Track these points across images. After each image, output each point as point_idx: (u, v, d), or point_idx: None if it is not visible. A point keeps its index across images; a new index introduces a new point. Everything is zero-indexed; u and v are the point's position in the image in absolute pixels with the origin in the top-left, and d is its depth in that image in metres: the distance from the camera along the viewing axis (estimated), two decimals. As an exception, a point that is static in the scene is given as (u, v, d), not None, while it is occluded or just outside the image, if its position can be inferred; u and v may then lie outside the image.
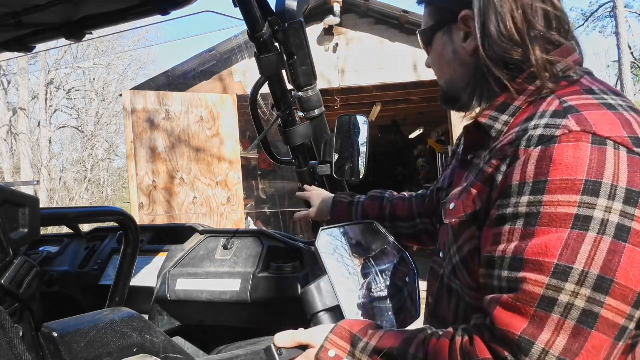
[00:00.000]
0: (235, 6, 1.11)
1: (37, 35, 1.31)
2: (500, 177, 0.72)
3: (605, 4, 17.46)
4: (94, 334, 0.86)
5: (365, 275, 1.02)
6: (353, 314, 0.93)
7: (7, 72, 15.01)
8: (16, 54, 1.45)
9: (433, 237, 1.24)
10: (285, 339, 0.84)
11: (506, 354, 0.64)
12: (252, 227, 7.09)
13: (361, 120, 1.43)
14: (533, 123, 0.71)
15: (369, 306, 0.99)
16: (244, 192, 6.63)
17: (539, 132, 0.69)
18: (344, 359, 0.78)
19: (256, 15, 1.11)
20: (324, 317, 0.87)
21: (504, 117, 0.78)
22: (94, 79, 17.70)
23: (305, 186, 1.45)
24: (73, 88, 17.45)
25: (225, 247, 1.71)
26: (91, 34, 1.28)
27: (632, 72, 15.59)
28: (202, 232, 1.81)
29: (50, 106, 16.23)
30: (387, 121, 10.03)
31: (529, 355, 0.62)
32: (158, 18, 1.20)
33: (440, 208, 0.99)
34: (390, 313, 1.01)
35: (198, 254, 1.73)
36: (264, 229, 1.99)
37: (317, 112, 1.31)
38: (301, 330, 0.86)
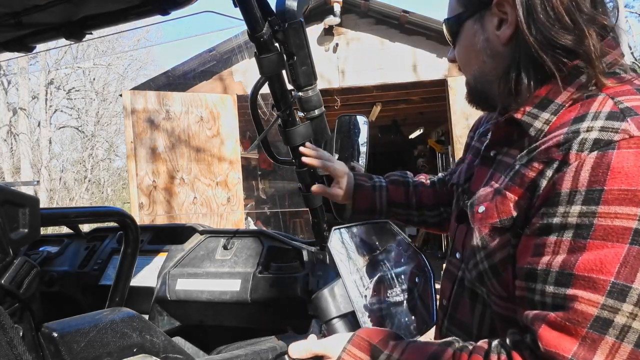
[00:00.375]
0: (235, 6, 1.11)
1: (37, 35, 1.31)
2: (544, 183, 0.65)
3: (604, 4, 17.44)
4: (94, 334, 0.86)
5: (379, 278, 0.97)
6: (368, 320, 0.89)
7: (7, 72, 15.01)
8: (16, 54, 1.45)
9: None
10: (299, 349, 0.80)
11: None
12: (252, 227, 7.09)
13: (361, 120, 1.43)
14: (586, 125, 0.64)
15: (384, 311, 0.95)
16: (244, 192, 6.63)
17: (593, 135, 0.62)
18: None
19: (256, 15, 1.11)
20: (338, 324, 0.82)
21: (545, 115, 0.71)
22: (94, 79, 17.70)
23: (322, 158, 1.24)
24: (73, 88, 17.45)
25: (225, 247, 1.71)
26: (91, 34, 1.28)
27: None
28: (202, 232, 1.81)
29: (50, 106, 16.23)
30: (387, 121, 10.03)
31: None
32: (158, 18, 1.20)
33: (456, 206, 0.95)
34: (406, 319, 0.96)
35: (198, 254, 1.73)
36: (264, 229, 1.99)
37: (317, 112, 1.31)
38: (315, 339, 0.81)
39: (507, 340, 0.66)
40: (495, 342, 0.67)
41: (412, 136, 11.21)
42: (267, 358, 1.32)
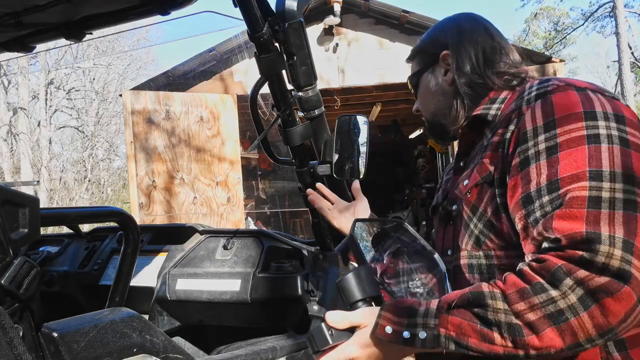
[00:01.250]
0: (235, 6, 1.11)
1: (37, 35, 1.31)
2: (509, 135, 0.86)
3: (604, 3, 17.46)
4: (94, 334, 0.86)
5: (398, 270, 1.00)
6: None
7: (7, 72, 15.02)
8: (16, 54, 1.45)
9: None
10: (336, 319, 0.81)
11: (580, 252, 0.69)
12: (252, 227, 7.09)
13: (361, 120, 1.43)
14: (527, 92, 0.89)
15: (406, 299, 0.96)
16: (244, 192, 6.63)
17: (533, 92, 0.86)
18: (402, 333, 0.76)
19: (256, 15, 1.11)
20: (363, 306, 0.81)
21: (496, 105, 0.97)
22: (94, 79, 17.70)
23: (325, 207, 1.36)
24: (73, 88, 17.45)
25: (225, 247, 1.71)
26: (91, 34, 1.28)
27: (632, 72, 15.59)
28: (202, 232, 1.81)
29: (50, 106, 16.23)
30: (387, 121, 10.04)
31: (601, 242, 0.69)
32: (158, 18, 1.20)
33: (438, 216, 1.08)
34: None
35: (198, 254, 1.73)
36: (264, 229, 1.99)
37: (317, 112, 1.31)
38: (351, 311, 0.83)
39: (527, 258, 0.77)
40: (518, 263, 0.77)
41: (412, 136, 11.21)
42: (267, 358, 1.32)
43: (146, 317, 1.26)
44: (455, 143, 1.12)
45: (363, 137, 1.42)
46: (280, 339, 1.44)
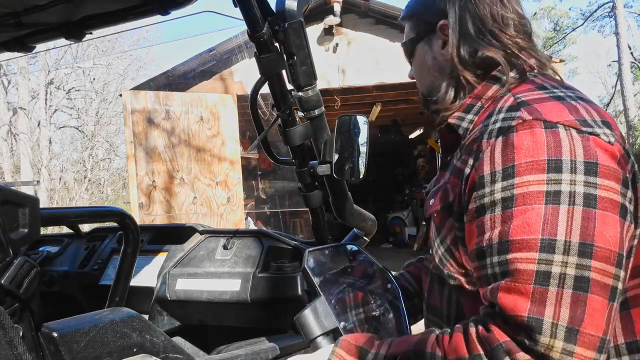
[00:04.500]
0: (235, 6, 1.11)
1: (37, 35, 1.31)
2: (468, 170, 0.78)
3: (604, 4, 17.45)
4: (94, 334, 0.86)
5: (354, 295, 1.03)
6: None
7: (7, 72, 15.01)
8: (16, 54, 1.45)
9: None
10: None
11: (522, 336, 0.67)
12: (252, 227, 7.09)
13: (361, 120, 1.43)
14: (492, 119, 0.79)
15: (364, 326, 1.00)
16: (244, 192, 6.63)
17: (497, 125, 0.76)
18: None
19: (256, 15, 1.11)
20: (323, 341, 0.84)
21: (470, 116, 0.87)
22: (94, 79, 17.69)
23: None
24: (73, 88, 17.44)
25: (225, 247, 1.71)
26: (91, 34, 1.28)
27: (632, 72, 15.59)
28: (202, 232, 1.81)
29: (50, 106, 16.23)
30: (387, 121, 10.03)
31: (542, 332, 0.65)
32: (158, 18, 1.20)
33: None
34: (383, 331, 1.01)
35: (198, 254, 1.73)
36: (264, 229, 1.99)
37: (317, 112, 1.31)
38: (305, 355, 0.86)
39: (481, 314, 0.75)
40: (471, 320, 0.75)
41: (412, 136, 11.21)
42: (267, 358, 1.32)
43: (146, 317, 1.26)
44: None
45: (363, 137, 1.42)
46: (280, 339, 1.44)
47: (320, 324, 0.83)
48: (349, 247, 1.09)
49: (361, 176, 1.40)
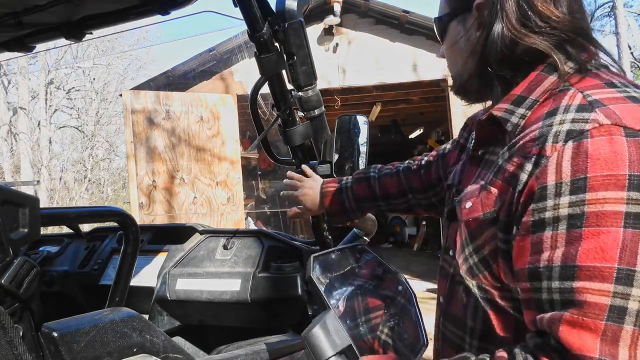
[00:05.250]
0: (235, 6, 1.11)
1: (37, 35, 1.31)
2: (524, 177, 0.67)
3: (604, 3, 17.45)
4: (94, 333, 0.86)
5: (365, 304, 0.95)
6: (364, 350, 0.86)
7: (7, 72, 15.01)
8: (16, 54, 1.45)
9: (429, 209, 1.25)
10: None
11: None
12: (252, 227, 7.09)
13: (361, 120, 1.43)
14: (558, 118, 0.66)
15: (379, 338, 0.93)
16: (244, 192, 6.63)
17: (566, 127, 0.64)
18: None
19: (256, 15, 1.11)
20: None
21: (521, 110, 0.74)
22: (94, 79, 17.69)
23: (289, 181, 1.37)
24: (73, 88, 17.44)
25: (225, 247, 1.71)
26: (91, 34, 1.28)
27: (632, 72, 15.59)
28: (202, 232, 1.81)
29: (50, 106, 16.22)
30: (387, 121, 10.03)
31: None
32: (158, 18, 1.20)
33: (446, 205, 0.96)
34: (399, 342, 0.93)
35: (198, 253, 1.73)
36: (264, 229, 1.99)
37: (317, 112, 1.31)
38: None
39: (530, 344, 0.65)
40: (517, 349, 0.65)
41: (412, 136, 11.20)
42: (267, 358, 1.32)
43: (146, 317, 1.26)
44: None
45: (363, 137, 1.42)
46: (280, 339, 1.44)
47: (332, 343, 0.74)
48: (356, 247, 1.01)
49: (361, 176, 1.40)
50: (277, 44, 1.18)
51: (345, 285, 0.96)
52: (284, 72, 1.23)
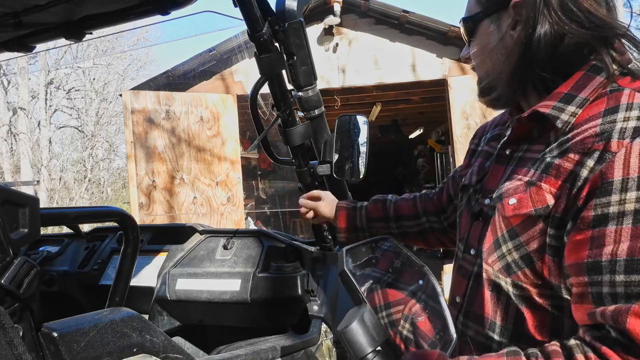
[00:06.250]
0: (235, 6, 1.11)
1: (37, 35, 1.31)
2: (585, 173, 0.67)
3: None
4: (94, 333, 0.85)
5: (398, 298, 0.93)
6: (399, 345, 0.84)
7: (7, 72, 15.01)
8: (16, 54, 1.45)
9: (440, 235, 1.23)
10: None
11: None
12: (252, 227, 7.09)
13: (361, 120, 1.43)
14: (621, 115, 0.68)
15: (414, 333, 0.90)
16: (244, 192, 6.63)
17: (632, 124, 0.66)
18: None
19: (256, 15, 1.11)
20: (375, 359, 0.72)
21: (571, 108, 0.74)
22: (94, 79, 17.69)
23: (308, 196, 1.38)
24: (73, 88, 17.44)
25: (225, 247, 1.71)
26: (91, 34, 1.28)
27: None
28: (202, 232, 1.81)
29: (50, 106, 16.22)
30: (387, 121, 10.03)
31: None
32: (158, 18, 1.20)
33: (466, 206, 0.95)
34: (430, 337, 0.90)
35: (198, 253, 1.73)
36: (264, 229, 1.99)
37: (317, 112, 1.31)
38: None
39: (587, 337, 0.65)
40: (573, 342, 0.65)
41: (412, 136, 11.21)
42: (267, 358, 1.32)
43: (146, 317, 1.26)
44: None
45: (363, 137, 1.42)
46: (280, 339, 1.44)
47: (371, 339, 0.72)
48: (384, 239, 0.98)
49: (361, 176, 1.40)
50: (277, 44, 1.18)
51: (377, 278, 0.94)
52: (284, 72, 1.23)
